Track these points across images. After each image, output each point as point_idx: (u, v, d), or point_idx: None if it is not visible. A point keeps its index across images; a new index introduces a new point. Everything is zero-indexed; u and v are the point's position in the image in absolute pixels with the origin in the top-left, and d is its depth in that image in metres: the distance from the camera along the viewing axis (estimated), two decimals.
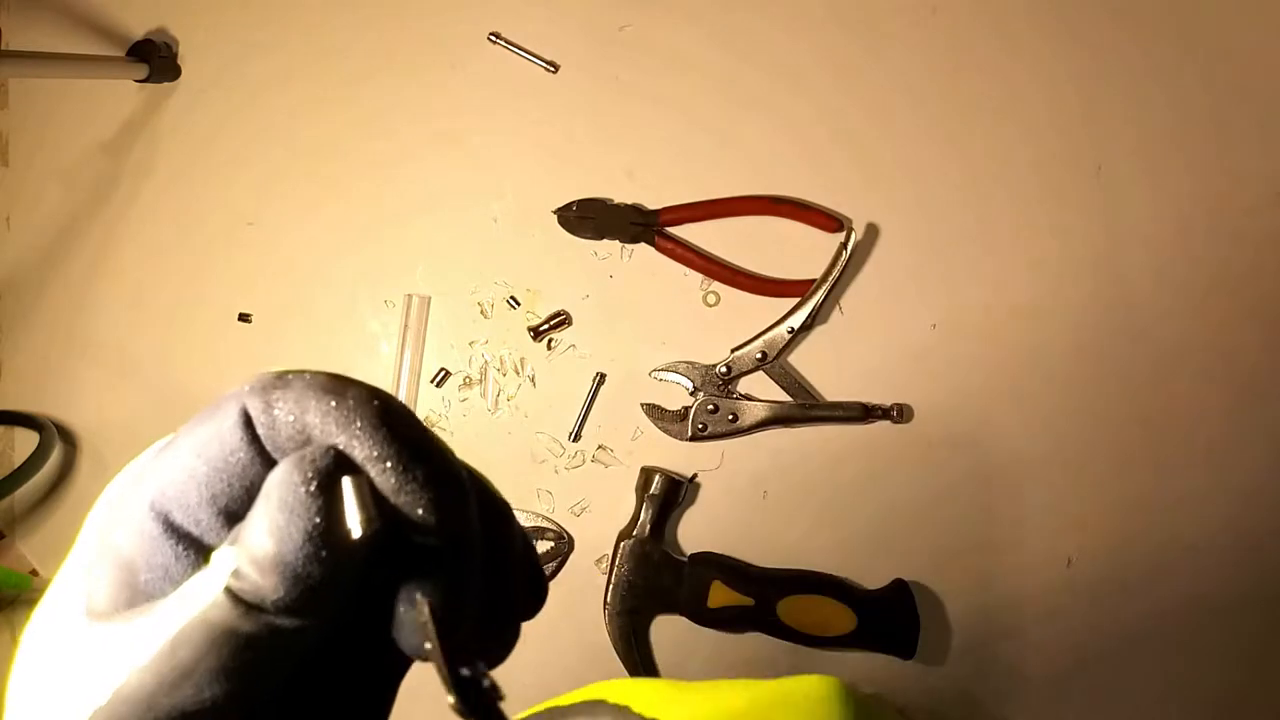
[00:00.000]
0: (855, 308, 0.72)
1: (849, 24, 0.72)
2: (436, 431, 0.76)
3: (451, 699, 0.19)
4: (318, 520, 0.18)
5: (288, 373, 0.20)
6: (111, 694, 0.19)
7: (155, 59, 0.77)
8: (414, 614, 0.20)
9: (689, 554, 0.72)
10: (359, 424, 0.19)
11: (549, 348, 0.75)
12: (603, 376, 0.74)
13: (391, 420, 0.20)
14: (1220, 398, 0.68)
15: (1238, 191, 0.69)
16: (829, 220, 0.71)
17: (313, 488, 0.18)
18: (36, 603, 0.22)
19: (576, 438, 0.75)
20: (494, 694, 0.19)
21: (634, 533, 0.71)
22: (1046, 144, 0.70)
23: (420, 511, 0.19)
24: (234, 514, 0.20)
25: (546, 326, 0.74)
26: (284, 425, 0.20)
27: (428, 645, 0.19)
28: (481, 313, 0.76)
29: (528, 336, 0.75)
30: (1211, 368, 0.69)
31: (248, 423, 0.20)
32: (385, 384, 0.77)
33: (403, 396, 0.75)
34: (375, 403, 0.20)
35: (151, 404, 0.80)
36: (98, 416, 0.81)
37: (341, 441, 0.19)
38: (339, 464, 0.19)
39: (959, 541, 0.71)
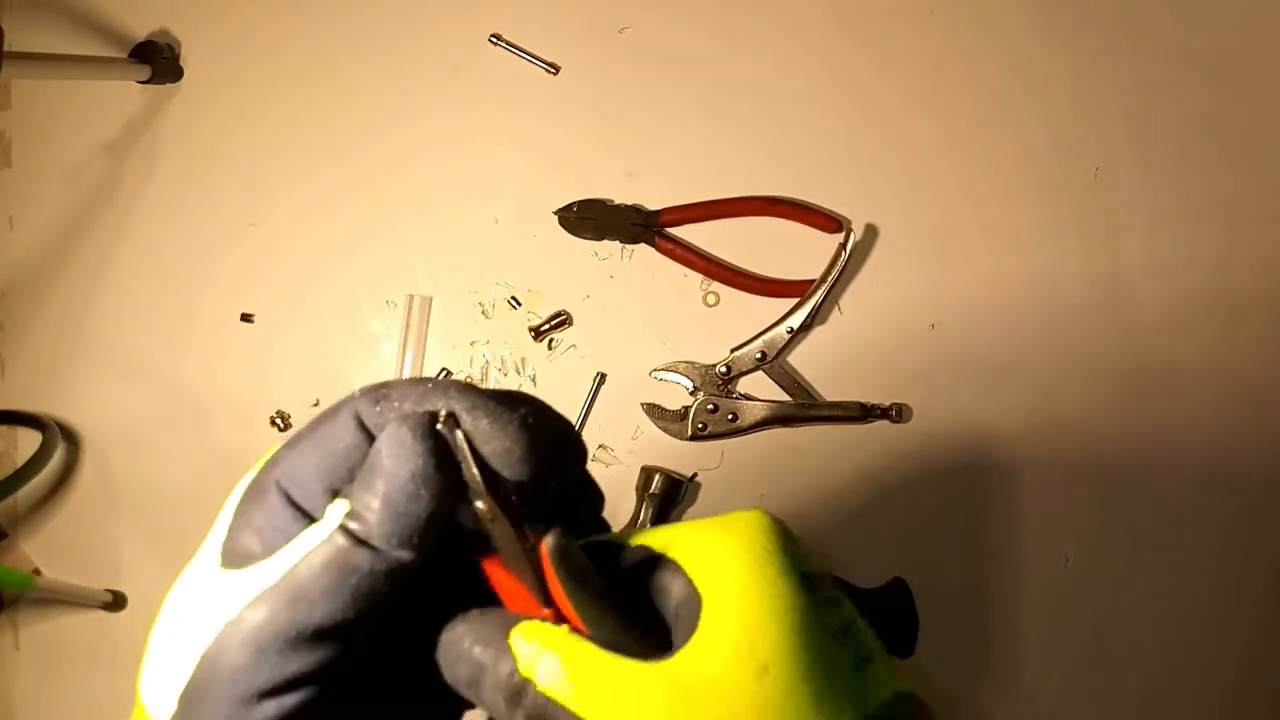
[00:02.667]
0: (854, 308, 0.72)
1: (848, 26, 0.72)
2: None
3: (481, 504, 0.23)
4: (419, 461, 0.23)
5: (392, 382, 0.25)
6: (242, 608, 0.23)
7: (158, 60, 0.78)
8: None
9: None
10: (452, 390, 0.24)
11: (550, 348, 0.75)
12: (603, 376, 0.74)
13: (477, 388, 0.24)
14: (1217, 397, 0.69)
15: (1237, 193, 0.69)
16: (828, 221, 0.71)
17: (418, 434, 0.23)
18: (39, 602, 0.24)
19: None
20: (522, 508, 0.24)
21: None
22: (1044, 145, 0.70)
23: (510, 445, 0.24)
24: (337, 492, 0.24)
25: (547, 326, 0.75)
26: (390, 412, 0.24)
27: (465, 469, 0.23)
28: (483, 313, 0.76)
29: (528, 336, 0.75)
30: (1210, 368, 0.69)
31: (359, 420, 0.24)
32: None
33: None
34: (476, 394, 0.24)
35: (155, 403, 0.80)
36: (101, 416, 0.81)
37: (441, 405, 0.24)
38: (435, 418, 0.23)
39: (958, 540, 0.71)
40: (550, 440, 0.25)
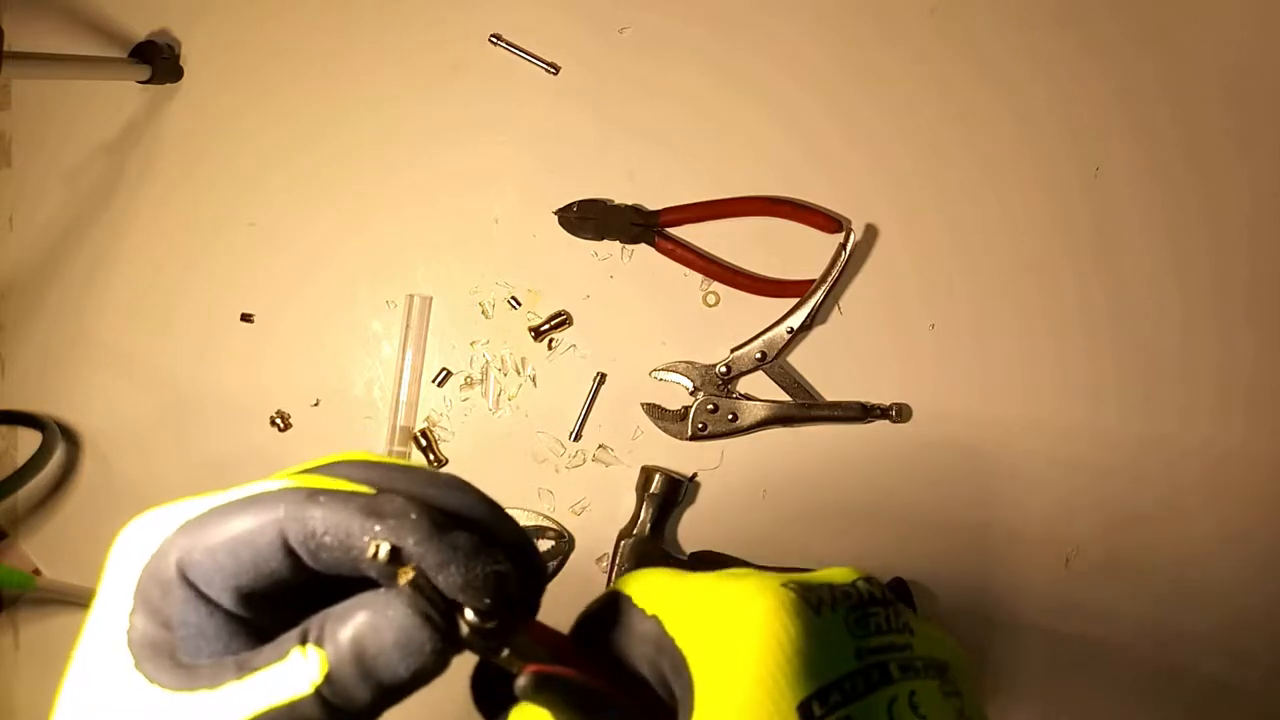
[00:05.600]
0: (854, 308, 0.72)
1: (847, 26, 0.72)
2: (438, 432, 0.76)
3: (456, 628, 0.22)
4: (425, 663, 0.22)
5: (319, 493, 0.23)
6: None
7: (158, 60, 0.78)
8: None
9: (689, 552, 0.72)
10: (412, 539, 0.22)
11: (550, 348, 0.75)
12: (603, 376, 0.74)
13: (436, 525, 0.22)
14: (1214, 395, 0.69)
15: (1237, 193, 0.69)
16: (828, 221, 0.71)
17: (439, 645, 0.22)
18: (40, 602, 0.23)
19: (577, 437, 0.75)
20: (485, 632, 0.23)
21: (634, 531, 0.71)
22: (1045, 145, 0.71)
23: (479, 594, 0.22)
24: (248, 594, 0.23)
25: (547, 326, 0.75)
26: (327, 549, 0.22)
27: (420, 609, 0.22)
28: (483, 313, 0.76)
29: (528, 336, 0.75)
30: (1209, 369, 0.69)
31: (284, 539, 0.22)
32: (388, 384, 0.77)
33: (404, 396, 0.76)
34: (413, 516, 0.22)
35: (154, 403, 0.80)
36: (101, 416, 0.81)
37: (396, 540, 0.22)
38: (450, 604, 0.22)
39: (957, 541, 0.71)
40: (522, 580, 0.24)
